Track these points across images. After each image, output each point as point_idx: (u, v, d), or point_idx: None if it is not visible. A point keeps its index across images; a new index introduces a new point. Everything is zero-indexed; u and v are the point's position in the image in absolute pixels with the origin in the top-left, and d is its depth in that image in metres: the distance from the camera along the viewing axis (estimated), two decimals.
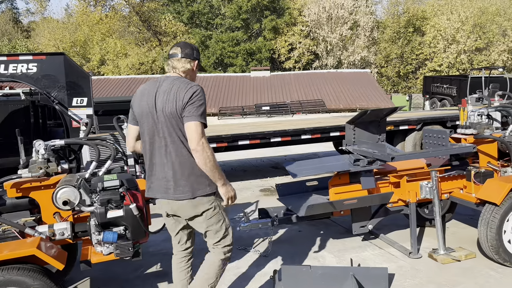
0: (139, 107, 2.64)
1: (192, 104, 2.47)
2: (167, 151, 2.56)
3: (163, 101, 2.52)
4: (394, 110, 4.56)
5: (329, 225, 4.96)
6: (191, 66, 2.66)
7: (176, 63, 2.64)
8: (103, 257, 2.89)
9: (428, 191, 3.95)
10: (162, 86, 2.57)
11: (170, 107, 2.49)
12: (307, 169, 4.06)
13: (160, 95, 2.54)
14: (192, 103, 2.47)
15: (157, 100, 2.54)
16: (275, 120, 17.38)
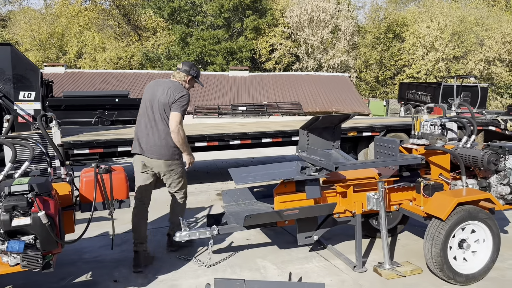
0: (147, 93, 3.98)
1: (179, 102, 3.82)
2: (157, 126, 3.85)
3: (161, 93, 3.86)
4: (347, 117, 4.43)
5: (279, 233, 4.78)
6: (185, 79, 4.03)
7: (176, 74, 4.05)
8: (9, 268, 2.64)
9: (375, 203, 3.82)
10: (164, 84, 3.95)
11: (164, 99, 3.83)
12: (251, 176, 3.87)
13: (160, 89, 3.90)
14: (178, 101, 3.82)
15: (157, 92, 3.89)
16: (248, 121, 17.22)
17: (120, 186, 3.17)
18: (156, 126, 3.82)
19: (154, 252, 4.30)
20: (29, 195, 2.57)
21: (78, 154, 5.60)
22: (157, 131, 3.82)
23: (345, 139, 7.61)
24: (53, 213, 2.64)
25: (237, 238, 4.61)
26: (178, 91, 3.83)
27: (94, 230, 4.93)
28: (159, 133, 3.82)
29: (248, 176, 3.83)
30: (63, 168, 3.32)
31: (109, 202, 3.14)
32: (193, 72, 4.02)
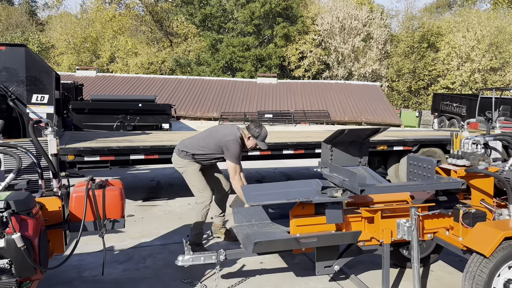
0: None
1: (226, 147, 4.25)
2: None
3: (219, 132, 4.41)
4: (376, 131, 3.97)
5: (295, 257, 4.33)
6: (246, 136, 4.30)
7: (244, 129, 4.35)
8: None
9: (406, 231, 3.33)
10: (225, 128, 4.52)
11: (219, 138, 4.32)
12: (264, 194, 3.45)
13: (220, 130, 4.43)
14: (226, 147, 4.24)
15: (219, 130, 4.45)
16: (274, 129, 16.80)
17: (114, 204, 2.82)
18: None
19: (158, 273, 3.94)
20: (4, 213, 2.24)
21: (88, 161, 5.34)
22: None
23: (374, 153, 7.08)
24: (31, 235, 2.30)
25: (249, 261, 4.19)
26: (230, 137, 4.27)
27: (99, 244, 4.61)
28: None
29: (261, 195, 3.41)
30: (55, 180, 3.00)
31: (100, 221, 2.79)
32: (256, 134, 4.26)
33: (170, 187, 7.82)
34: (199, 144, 4.35)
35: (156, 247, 4.62)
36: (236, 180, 4.17)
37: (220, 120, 20.75)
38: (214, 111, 21.81)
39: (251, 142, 4.26)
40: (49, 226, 2.77)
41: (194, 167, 4.35)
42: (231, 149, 4.15)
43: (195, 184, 4.35)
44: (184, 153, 4.34)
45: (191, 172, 4.35)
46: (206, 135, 4.42)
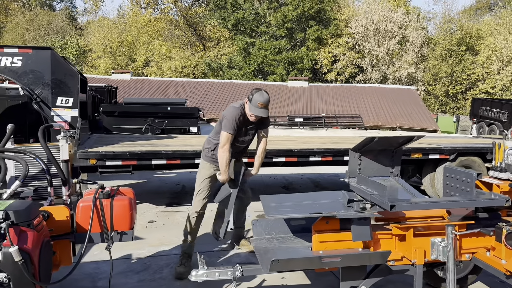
0: None
1: (223, 115, 3.86)
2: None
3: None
4: (410, 140, 3.66)
5: (320, 274, 4.05)
6: (246, 102, 3.83)
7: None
8: None
9: (441, 252, 3.01)
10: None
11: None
12: (285, 207, 3.22)
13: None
14: (223, 114, 3.86)
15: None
16: (303, 134, 16.49)
17: (122, 215, 2.66)
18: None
19: (173, 285, 3.77)
20: (2, 224, 2.11)
21: (110, 165, 5.26)
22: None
23: (408, 161, 6.70)
24: (29, 248, 2.16)
25: (269, 276, 3.95)
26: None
27: (117, 252, 4.50)
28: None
29: (281, 207, 3.18)
30: (64, 188, 2.87)
31: (107, 233, 2.63)
32: (249, 97, 3.77)
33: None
34: (214, 131, 4.03)
35: (174, 256, 4.45)
36: (224, 149, 3.71)
37: None
38: None
39: (247, 109, 3.77)
40: (56, 236, 2.64)
41: (206, 172, 4.06)
42: (226, 115, 3.75)
43: (196, 185, 4.10)
44: (206, 151, 4.09)
45: (200, 173, 4.10)
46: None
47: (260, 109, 3.70)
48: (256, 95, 3.67)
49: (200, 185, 4.04)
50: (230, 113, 3.73)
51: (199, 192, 4.03)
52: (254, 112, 3.70)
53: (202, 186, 4.04)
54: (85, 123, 6.39)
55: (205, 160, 4.08)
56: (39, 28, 37.92)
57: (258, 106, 3.67)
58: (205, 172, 4.05)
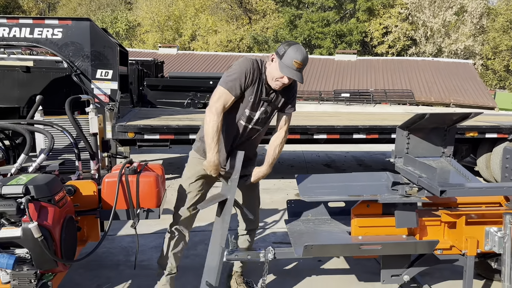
0: None
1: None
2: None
3: None
4: (466, 117, 3.29)
5: (361, 259, 3.83)
6: (269, 59, 2.60)
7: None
8: (1, 285, 2.16)
9: (497, 242, 2.69)
10: None
11: None
12: (322, 188, 2.99)
13: None
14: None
15: None
16: (349, 110, 15.96)
17: (148, 192, 2.54)
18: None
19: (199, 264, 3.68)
20: (22, 200, 2.04)
21: (148, 139, 5.22)
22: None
23: (461, 140, 6.22)
24: (50, 225, 2.09)
25: (305, 258, 3.77)
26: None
27: (153, 226, 4.48)
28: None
29: (317, 188, 2.96)
30: (93, 162, 2.80)
31: (133, 210, 2.53)
32: (278, 48, 2.55)
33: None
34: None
35: (209, 232, 4.34)
36: (213, 112, 2.45)
37: None
38: None
39: (273, 68, 2.51)
40: (82, 212, 2.58)
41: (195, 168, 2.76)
42: (230, 67, 2.59)
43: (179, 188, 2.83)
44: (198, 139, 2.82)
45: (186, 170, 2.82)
46: None
47: (295, 71, 2.45)
48: (291, 49, 2.44)
49: (185, 188, 2.76)
50: (238, 64, 2.55)
51: (182, 197, 2.77)
52: (286, 72, 2.45)
53: (189, 190, 2.76)
54: (125, 96, 6.38)
55: (196, 152, 2.80)
56: (90, 3, 38.88)
57: (294, 65, 2.43)
58: (193, 169, 2.76)
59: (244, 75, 2.49)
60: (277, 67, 2.48)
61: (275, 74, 2.49)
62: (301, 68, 2.49)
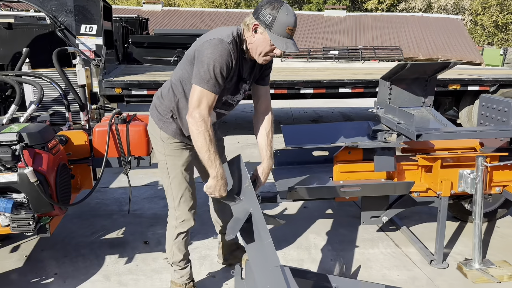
0: None
1: (198, 56, 2.04)
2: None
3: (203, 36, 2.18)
4: (445, 66, 3.40)
5: (344, 204, 4.03)
6: (249, 28, 2.05)
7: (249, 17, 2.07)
8: (1, 228, 2.28)
9: (469, 184, 2.86)
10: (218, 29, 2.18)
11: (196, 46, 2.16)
12: (306, 137, 3.12)
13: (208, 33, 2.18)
14: (198, 54, 2.05)
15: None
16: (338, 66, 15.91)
17: (138, 141, 2.64)
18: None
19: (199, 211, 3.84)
20: (16, 146, 2.13)
21: (135, 95, 5.25)
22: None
23: (445, 93, 6.35)
24: (44, 170, 2.19)
25: (292, 205, 3.96)
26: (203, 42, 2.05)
27: (144, 179, 4.62)
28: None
29: (302, 137, 3.09)
30: (82, 113, 2.87)
31: (125, 158, 2.64)
32: (259, 13, 1.99)
33: (222, 124, 7.68)
34: (180, 75, 2.23)
35: (198, 184, 4.50)
36: (197, 120, 1.98)
37: (282, 57, 20.04)
38: None
39: (260, 41, 2.02)
40: (75, 160, 2.68)
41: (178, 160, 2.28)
42: (203, 57, 1.98)
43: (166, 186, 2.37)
44: (163, 113, 2.27)
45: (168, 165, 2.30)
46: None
47: (290, 40, 1.99)
48: (281, 14, 1.94)
49: (179, 183, 2.30)
50: (212, 54, 1.96)
51: (183, 194, 2.32)
52: (282, 46, 1.98)
53: (183, 184, 2.31)
54: (111, 53, 6.33)
55: (173, 136, 2.25)
56: None
57: (288, 33, 1.98)
58: (183, 158, 2.29)
59: (225, 66, 1.99)
60: (266, 40, 2.00)
61: (265, 48, 2.03)
62: (293, 33, 2.02)
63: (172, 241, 2.40)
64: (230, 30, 2.08)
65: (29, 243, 3.21)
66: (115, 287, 2.69)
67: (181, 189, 2.31)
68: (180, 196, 2.31)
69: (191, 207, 2.37)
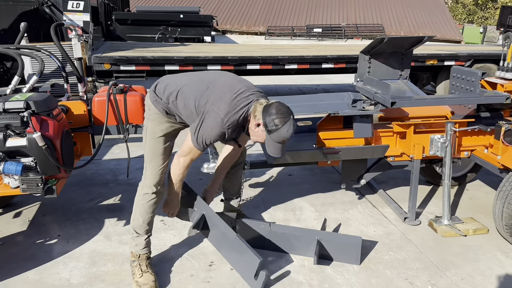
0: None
1: (201, 119, 2.31)
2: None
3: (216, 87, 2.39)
4: (420, 41, 3.63)
5: (327, 171, 4.30)
6: (254, 118, 2.28)
7: (259, 106, 2.28)
8: (10, 190, 2.48)
9: (440, 147, 3.15)
10: (230, 86, 2.40)
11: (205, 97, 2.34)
12: (291, 107, 3.33)
13: (219, 87, 2.39)
14: (202, 117, 2.32)
15: (217, 86, 2.41)
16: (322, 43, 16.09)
17: (135, 109, 2.83)
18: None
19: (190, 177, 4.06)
20: (24, 113, 2.30)
21: (124, 70, 5.38)
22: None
23: (423, 68, 6.63)
24: (51, 135, 2.37)
25: (279, 173, 4.22)
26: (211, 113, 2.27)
27: (136, 152, 4.79)
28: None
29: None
30: (80, 84, 3.03)
31: (123, 126, 2.83)
32: (267, 119, 2.23)
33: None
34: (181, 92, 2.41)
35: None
36: (181, 165, 2.43)
37: (266, 35, 20.10)
38: (260, 25, 21.10)
39: (258, 134, 2.31)
40: (75, 129, 2.86)
41: (158, 126, 2.49)
42: (204, 127, 2.27)
43: (146, 149, 2.54)
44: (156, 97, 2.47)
45: (149, 129, 2.51)
46: (197, 81, 2.44)
47: (279, 145, 2.30)
48: (284, 129, 2.21)
49: (152, 147, 2.50)
50: (211, 130, 2.25)
51: (155, 153, 2.50)
52: (272, 151, 2.33)
53: (156, 149, 2.50)
54: (98, 30, 6.39)
55: (157, 109, 2.46)
56: None
57: (281, 142, 2.28)
58: (161, 126, 2.49)
59: (213, 140, 2.32)
60: (262, 137, 2.30)
61: (259, 140, 2.35)
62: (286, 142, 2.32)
63: (137, 201, 2.55)
64: (240, 111, 2.28)
65: (31, 209, 3.40)
66: (116, 245, 2.91)
67: (152, 154, 2.50)
68: (150, 160, 2.50)
69: (159, 174, 2.52)
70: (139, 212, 2.53)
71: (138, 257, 2.54)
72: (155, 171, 2.49)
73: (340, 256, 2.76)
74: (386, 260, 2.81)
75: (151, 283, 2.40)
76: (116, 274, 2.59)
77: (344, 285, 2.53)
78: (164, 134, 2.49)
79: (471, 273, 2.69)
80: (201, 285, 2.51)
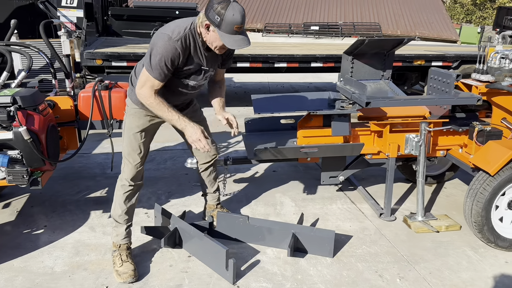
0: None
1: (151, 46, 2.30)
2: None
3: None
4: (400, 42, 3.74)
5: (310, 168, 4.42)
6: (202, 25, 2.26)
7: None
8: None
9: (414, 146, 3.26)
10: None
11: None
12: (273, 105, 3.46)
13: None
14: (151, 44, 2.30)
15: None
16: (318, 42, 16.19)
17: (120, 105, 2.94)
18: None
19: (175, 174, 4.18)
20: (11, 108, 2.41)
21: (116, 66, 5.48)
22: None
23: (411, 68, 6.74)
24: (37, 129, 2.48)
25: (263, 169, 4.33)
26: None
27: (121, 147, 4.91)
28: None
29: (270, 105, 3.42)
30: (67, 80, 3.14)
31: (107, 121, 2.94)
32: (209, 13, 2.19)
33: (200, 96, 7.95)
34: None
35: (178, 151, 4.84)
36: (145, 96, 2.31)
37: (263, 32, 20.16)
38: (257, 22, 21.13)
39: (212, 38, 2.25)
40: (62, 123, 2.97)
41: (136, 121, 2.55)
42: (155, 51, 2.22)
43: (124, 143, 2.61)
44: (131, 88, 2.54)
45: (127, 123, 2.60)
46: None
47: (239, 35, 2.21)
48: (228, 14, 2.13)
49: (129, 143, 2.56)
50: (161, 47, 2.21)
51: (133, 148, 2.56)
52: (230, 44, 2.20)
53: (133, 145, 2.56)
54: (91, 25, 6.48)
55: (134, 104, 2.52)
56: None
57: (235, 29, 2.17)
58: (139, 121, 2.56)
59: (170, 60, 2.23)
60: (218, 37, 2.20)
61: (217, 43, 2.26)
62: (243, 29, 2.23)
63: (116, 191, 2.64)
64: (184, 25, 2.28)
65: (19, 200, 3.51)
66: (100, 236, 3.02)
67: (129, 149, 2.57)
68: (127, 155, 2.58)
69: (136, 169, 2.59)
70: (118, 202, 2.62)
71: (119, 247, 2.65)
72: (131, 166, 2.58)
73: (314, 249, 2.88)
74: (358, 254, 2.93)
75: (130, 272, 2.52)
76: (98, 263, 2.71)
77: (316, 277, 2.65)
78: (141, 130, 2.55)
79: (439, 267, 2.81)
80: (180, 274, 2.63)
